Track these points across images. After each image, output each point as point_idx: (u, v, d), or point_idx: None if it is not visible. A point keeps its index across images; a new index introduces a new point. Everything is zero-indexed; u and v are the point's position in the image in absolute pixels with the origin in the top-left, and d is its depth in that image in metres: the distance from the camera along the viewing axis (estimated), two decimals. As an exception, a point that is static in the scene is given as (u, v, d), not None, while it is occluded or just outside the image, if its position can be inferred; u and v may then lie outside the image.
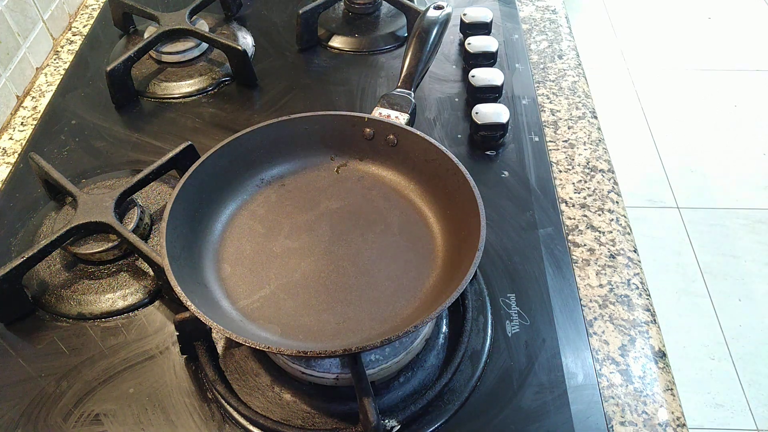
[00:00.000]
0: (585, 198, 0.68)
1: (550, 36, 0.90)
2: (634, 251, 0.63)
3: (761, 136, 2.14)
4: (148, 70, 0.85)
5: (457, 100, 0.79)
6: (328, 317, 0.51)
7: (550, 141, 0.74)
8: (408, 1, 0.87)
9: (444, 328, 0.56)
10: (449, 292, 0.46)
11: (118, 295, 0.59)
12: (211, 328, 0.54)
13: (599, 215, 0.66)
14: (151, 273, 0.60)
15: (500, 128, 0.72)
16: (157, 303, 0.60)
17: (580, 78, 0.83)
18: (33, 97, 0.84)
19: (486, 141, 0.73)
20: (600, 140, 0.74)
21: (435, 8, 0.71)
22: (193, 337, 0.54)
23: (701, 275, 1.76)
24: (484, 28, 0.86)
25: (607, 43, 2.56)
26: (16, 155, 0.76)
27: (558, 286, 0.59)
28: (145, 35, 0.84)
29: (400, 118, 0.62)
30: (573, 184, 0.70)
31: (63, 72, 0.87)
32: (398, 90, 0.66)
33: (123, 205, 0.63)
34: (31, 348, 0.57)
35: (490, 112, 0.72)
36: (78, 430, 0.51)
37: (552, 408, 0.51)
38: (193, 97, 0.82)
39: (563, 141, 0.74)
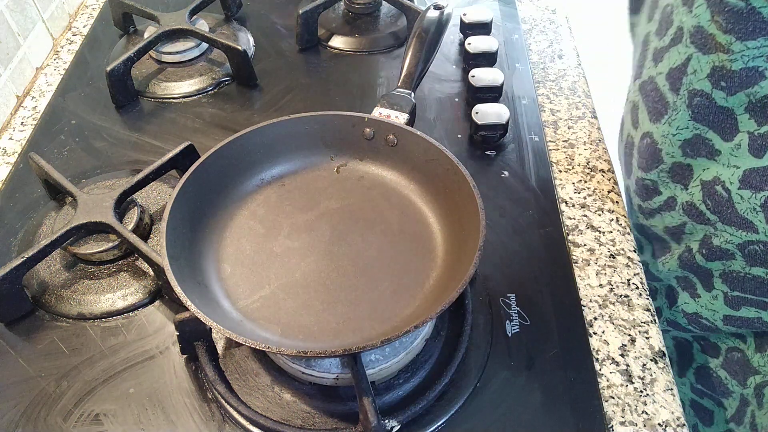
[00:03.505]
0: (585, 198, 0.68)
1: (550, 36, 0.90)
2: (634, 251, 0.63)
3: (761, 136, 2.14)
4: (148, 70, 0.85)
5: (457, 100, 0.79)
6: (328, 317, 0.51)
7: (550, 141, 0.74)
8: (408, 1, 0.87)
9: (444, 328, 0.56)
10: (449, 292, 0.46)
11: (118, 295, 0.59)
12: (211, 328, 0.54)
13: (599, 215, 0.66)
14: (151, 273, 0.60)
15: (500, 128, 0.72)
16: (157, 303, 0.60)
17: (580, 78, 0.83)
18: (33, 97, 0.84)
19: (486, 141, 0.73)
20: (600, 140, 0.74)
21: (435, 8, 0.71)
22: (193, 337, 0.54)
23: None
24: (484, 28, 0.86)
25: (607, 43, 2.56)
26: (16, 155, 0.76)
27: (558, 286, 0.59)
28: (145, 35, 0.84)
29: (400, 118, 0.62)
30: (573, 184, 0.70)
31: (63, 72, 0.87)
32: (398, 90, 0.66)
33: (123, 205, 0.63)
34: (31, 348, 0.57)
35: (490, 112, 0.72)
36: (78, 430, 0.51)
37: (552, 408, 0.51)
38: (193, 97, 0.82)
39: (563, 141, 0.74)
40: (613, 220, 0.66)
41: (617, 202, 0.68)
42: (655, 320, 0.57)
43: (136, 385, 0.54)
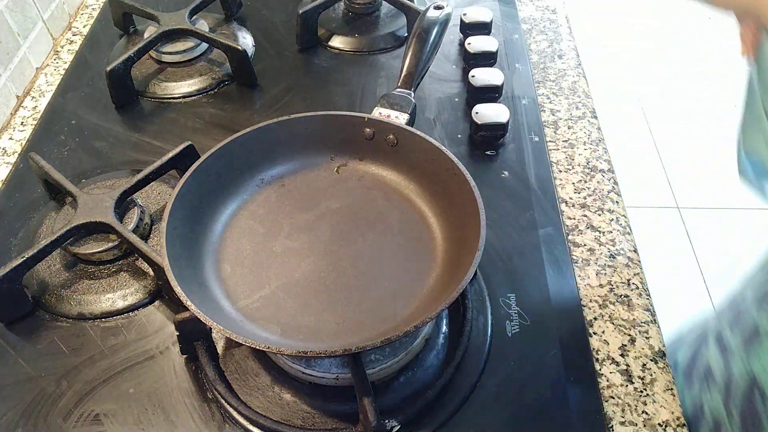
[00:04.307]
0: (585, 198, 0.68)
1: (550, 36, 0.90)
2: (634, 251, 0.63)
3: (761, 136, 2.14)
4: (148, 70, 0.85)
5: (457, 100, 0.79)
6: (328, 317, 0.51)
7: (550, 141, 0.74)
8: (408, 1, 0.87)
9: (444, 328, 0.56)
10: (449, 292, 0.46)
11: (118, 295, 0.59)
12: (211, 328, 0.54)
13: (599, 215, 0.66)
14: (151, 273, 0.60)
15: (500, 128, 0.72)
16: (157, 303, 0.60)
17: (580, 78, 0.83)
18: (33, 97, 0.84)
19: (486, 141, 0.73)
20: (600, 140, 0.74)
21: (435, 8, 0.71)
22: (193, 337, 0.54)
23: (701, 275, 1.76)
24: (484, 28, 0.86)
25: (607, 43, 2.56)
26: (16, 155, 0.76)
27: (558, 286, 0.59)
28: (145, 35, 0.84)
29: (400, 118, 0.62)
30: (573, 184, 0.70)
31: (63, 72, 0.87)
32: (398, 90, 0.66)
33: (123, 205, 0.63)
34: (31, 348, 0.57)
35: (490, 112, 0.72)
36: (78, 430, 0.51)
37: (552, 408, 0.51)
38: (193, 97, 0.82)
39: (563, 141, 0.74)
40: (613, 220, 0.66)
41: (617, 202, 0.68)
42: (655, 320, 0.57)
43: (136, 385, 0.54)
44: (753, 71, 0.52)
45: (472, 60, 0.82)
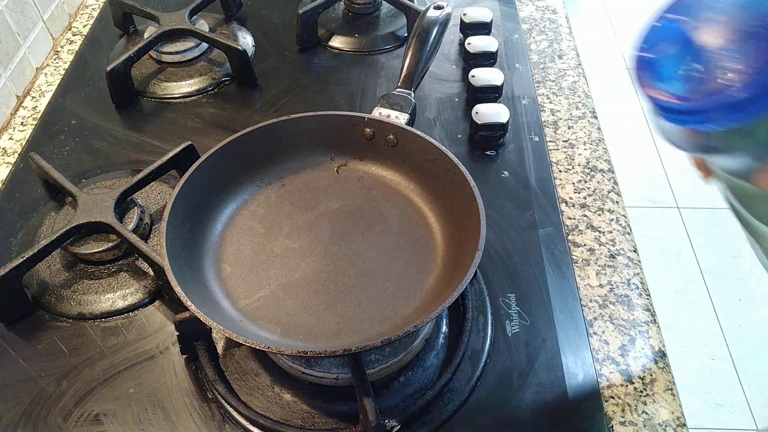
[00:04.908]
0: (585, 198, 0.68)
1: (550, 36, 0.90)
2: (634, 251, 0.63)
3: (761, 136, 2.13)
4: (148, 70, 0.85)
5: (457, 100, 0.79)
6: (328, 317, 0.51)
7: (550, 141, 0.74)
8: (408, 1, 0.87)
9: (444, 328, 0.56)
10: (449, 292, 0.46)
11: (118, 295, 0.59)
12: (211, 328, 0.54)
13: (599, 215, 0.66)
14: (151, 273, 0.60)
15: (500, 128, 0.72)
16: (157, 303, 0.60)
17: (580, 78, 0.83)
18: (33, 97, 0.84)
19: (486, 141, 0.73)
20: (600, 140, 0.74)
21: (435, 8, 0.71)
22: (193, 337, 0.54)
23: (701, 275, 1.76)
24: (484, 28, 0.86)
25: (607, 43, 2.56)
26: (16, 155, 0.76)
27: (558, 286, 0.59)
28: (145, 35, 0.84)
29: (400, 118, 0.62)
30: (573, 184, 0.70)
31: (63, 72, 0.87)
32: (398, 90, 0.66)
33: (123, 205, 0.63)
34: (31, 348, 0.57)
35: (490, 112, 0.72)
36: (78, 430, 0.51)
37: (552, 408, 0.51)
38: (193, 97, 0.82)
39: (563, 141, 0.74)
40: (613, 220, 0.66)
41: (617, 202, 0.68)
42: (655, 320, 0.57)
43: (136, 385, 0.54)
44: None
45: (472, 60, 0.82)
